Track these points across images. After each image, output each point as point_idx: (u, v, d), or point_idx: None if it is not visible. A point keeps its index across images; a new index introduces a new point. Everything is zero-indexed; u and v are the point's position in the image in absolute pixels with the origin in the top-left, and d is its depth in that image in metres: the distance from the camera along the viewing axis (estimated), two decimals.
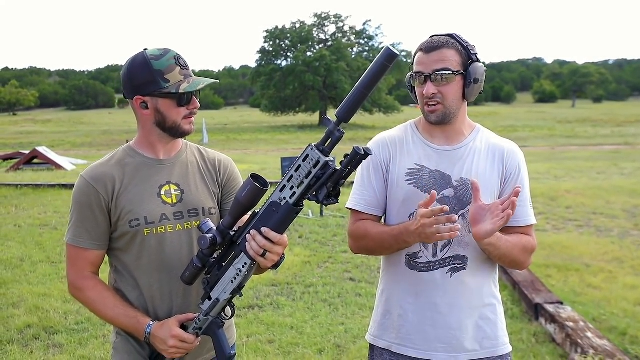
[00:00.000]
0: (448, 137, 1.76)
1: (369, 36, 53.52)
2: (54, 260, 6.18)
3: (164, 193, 1.66)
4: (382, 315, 1.84)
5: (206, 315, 1.56)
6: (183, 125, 1.64)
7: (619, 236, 7.30)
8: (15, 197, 10.34)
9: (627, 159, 17.30)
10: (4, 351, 3.90)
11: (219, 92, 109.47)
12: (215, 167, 1.78)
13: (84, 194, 1.63)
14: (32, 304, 4.74)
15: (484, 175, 1.72)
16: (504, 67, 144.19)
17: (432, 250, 1.72)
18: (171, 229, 1.65)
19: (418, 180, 1.74)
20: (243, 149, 26.26)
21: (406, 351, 1.76)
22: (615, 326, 4.26)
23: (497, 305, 1.80)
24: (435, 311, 1.72)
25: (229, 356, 1.54)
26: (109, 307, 1.63)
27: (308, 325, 4.34)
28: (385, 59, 1.25)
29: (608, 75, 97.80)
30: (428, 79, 1.66)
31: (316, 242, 6.95)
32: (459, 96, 1.70)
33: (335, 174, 1.29)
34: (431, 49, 1.67)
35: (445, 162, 1.74)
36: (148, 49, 1.62)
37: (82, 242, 1.64)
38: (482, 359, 1.74)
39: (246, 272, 1.47)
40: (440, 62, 1.65)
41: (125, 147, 1.73)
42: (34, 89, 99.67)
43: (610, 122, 42.32)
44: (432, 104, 1.68)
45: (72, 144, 32.28)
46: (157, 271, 1.65)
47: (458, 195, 1.71)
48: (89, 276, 1.66)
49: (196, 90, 1.60)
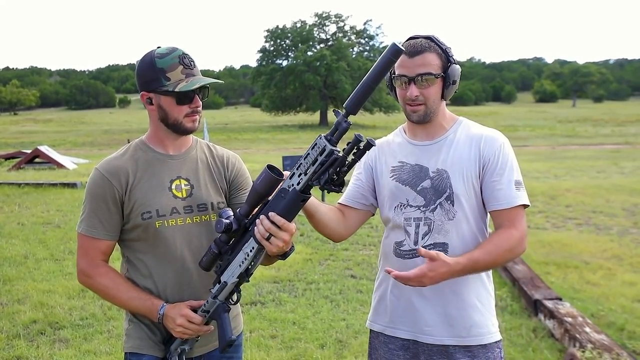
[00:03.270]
0: (429, 133, 1.85)
1: (369, 36, 53.54)
2: (57, 257, 6.23)
3: (174, 187, 1.72)
4: (377, 301, 1.96)
5: (214, 298, 1.61)
6: (185, 123, 1.68)
7: (618, 234, 7.35)
8: (17, 196, 10.40)
9: (627, 158, 17.36)
10: (11, 346, 3.95)
11: (219, 91, 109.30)
12: (223, 164, 1.84)
13: (98, 186, 1.68)
14: (37, 300, 4.80)
15: (460, 162, 1.78)
16: (504, 66, 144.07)
17: (414, 238, 1.80)
18: (181, 222, 1.71)
19: (400, 175, 1.85)
20: (244, 148, 26.34)
21: (398, 333, 1.86)
22: (613, 321, 4.31)
23: (485, 294, 1.84)
24: (420, 296, 1.80)
25: (229, 340, 1.57)
26: (122, 291, 1.69)
27: (310, 320, 4.40)
28: (392, 54, 1.34)
29: (609, 74, 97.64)
30: (412, 81, 1.73)
31: (318, 240, 7.00)
32: (439, 96, 1.78)
33: (337, 161, 1.35)
34: (414, 53, 1.73)
35: (425, 156, 1.83)
36: (159, 47, 1.67)
37: (96, 233, 1.69)
38: (469, 345, 1.78)
39: (253, 256, 1.52)
40: (423, 67, 1.72)
41: (137, 142, 1.78)
42: (34, 88, 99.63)
43: (611, 122, 42.39)
44: (414, 105, 1.77)
45: (73, 143, 32.36)
46: (167, 262, 1.71)
47: (434, 185, 1.79)
48: (100, 264, 1.72)
49: (193, 89, 1.62)
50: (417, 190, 1.80)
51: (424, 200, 1.79)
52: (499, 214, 1.76)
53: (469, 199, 1.77)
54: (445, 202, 1.76)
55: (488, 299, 1.84)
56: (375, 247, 6.66)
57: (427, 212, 1.78)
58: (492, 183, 1.75)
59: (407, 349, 1.85)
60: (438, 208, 1.77)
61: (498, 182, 1.74)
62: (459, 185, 1.76)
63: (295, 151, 21.35)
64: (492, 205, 1.76)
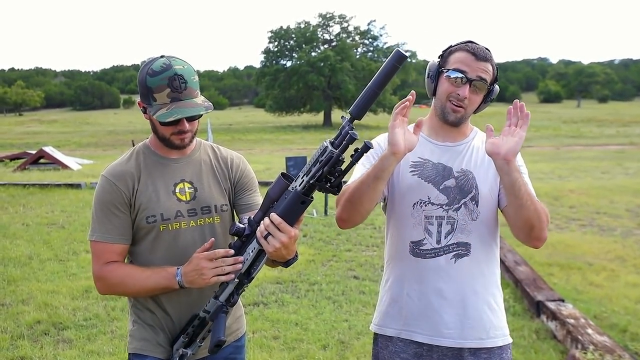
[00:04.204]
0: (452, 136, 1.85)
1: (373, 36, 53.49)
2: (61, 258, 6.25)
3: (178, 191, 1.74)
4: (387, 304, 1.88)
5: (215, 299, 1.62)
6: (173, 140, 1.69)
7: (622, 235, 7.34)
8: (22, 197, 10.45)
9: (632, 159, 17.30)
10: (15, 346, 3.98)
11: (223, 92, 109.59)
12: (227, 165, 1.85)
13: (107, 192, 1.69)
14: (41, 301, 4.83)
15: (482, 166, 1.80)
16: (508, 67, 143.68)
17: (437, 237, 1.78)
18: (185, 225, 1.73)
19: (422, 171, 1.82)
20: (248, 149, 26.35)
21: (414, 336, 1.80)
22: (616, 323, 4.30)
23: (499, 295, 1.85)
24: (441, 296, 1.77)
25: (218, 341, 1.57)
26: (136, 275, 1.67)
27: (312, 321, 4.41)
28: (396, 61, 1.37)
29: (613, 75, 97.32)
30: (468, 82, 1.73)
31: (320, 241, 7.01)
32: (476, 107, 1.80)
33: (332, 159, 1.37)
34: (483, 58, 1.73)
35: (447, 155, 1.83)
36: (161, 59, 1.63)
37: (110, 238, 1.69)
38: (486, 347, 1.78)
39: (254, 256, 1.54)
40: (485, 72, 1.74)
41: (141, 146, 1.80)
42: (39, 89, 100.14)
43: (616, 122, 42.22)
44: (458, 105, 1.76)
45: (77, 144, 32.43)
46: (170, 265, 1.71)
47: (459, 184, 1.79)
48: (110, 263, 1.71)
49: (167, 121, 1.58)
50: (440, 188, 1.79)
51: (447, 199, 1.78)
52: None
53: (491, 201, 1.79)
54: (470, 202, 1.77)
55: (501, 300, 1.86)
56: (379, 248, 6.66)
57: (451, 211, 1.77)
58: None
59: (420, 356, 1.80)
60: (462, 207, 1.77)
61: None
62: (484, 187, 1.77)
63: (299, 152, 21.34)
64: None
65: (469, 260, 1.78)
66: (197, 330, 1.70)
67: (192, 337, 1.71)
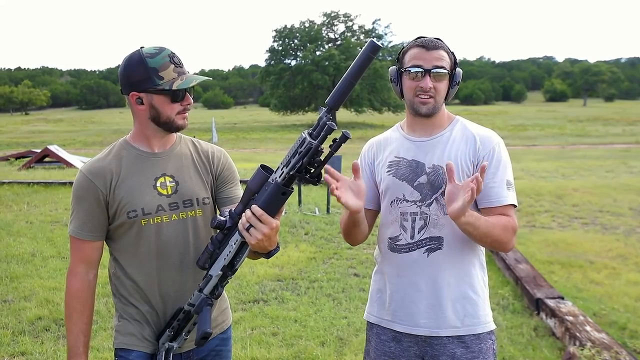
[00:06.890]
0: (428, 130, 1.89)
1: (378, 35, 53.28)
2: (64, 255, 6.29)
3: (159, 185, 1.75)
4: (374, 293, 2.00)
5: (200, 292, 1.64)
6: (177, 120, 1.72)
7: (625, 233, 7.31)
8: (27, 195, 10.51)
9: (637, 158, 17.22)
10: (16, 342, 4.01)
11: (228, 91, 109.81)
12: (208, 158, 1.86)
13: (82, 188, 1.72)
14: (43, 297, 4.87)
15: (455, 159, 1.82)
16: (514, 65, 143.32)
17: (410, 232, 1.85)
18: (167, 219, 1.74)
19: (397, 170, 1.89)
20: (252, 147, 26.40)
21: (394, 326, 1.90)
22: (615, 320, 4.30)
23: (479, 285, 1.87)
24: (416, 289, 1.85)
25: (204, 333, 1.57)
26: (78, 321, 1.74)
27: (311, 318, 4.42)
28: (370, 51, 1.38)
29: (620, 73, 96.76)
30: (427, 73, 1.78)
31: (322, 239, 7.03)
32: (445, 93, 1.84)
33: (311, 150, 1.39)
34: (432, 47, 1.79)
35: (421, 151, 1.87)
36: (144, 47, 1.69)
37: (81, 234, 1.73)
38: (463, 335, 1.83)
39: (237, 248, 1.55)
40: (439, 60, 1.79)
41: (121, 142, 1.81)
42: (46, 88, 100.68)
43: (622, 121, 42.00)
44: (425, 97, 1.80)
45: (83, 142, 32.59)
46: (153, 259, 1.74)
47: (430, 180, 1.83)
48: (82, 274, 1.75)
49: (189, 87, 1.67)
50: (414, 185, 1.84)
51: (420, 195, 1.83)
52: (489, 211, 1.80)
53: None
54: (441, 197, 1.81)
55: (482, 290, 1.88)
56: None
57: (423, 206, 1.83)
58: (485, 181, 1.77)
59: (399, 341, 1.89)
60: (434, 203, 1.82)
61: (491, 180, 1.79)
62: (457, 181, 1.78)
63: None
64: (483, 202, 1.81)
65: (442, 253, 1.83)
66: (183, 323, 1.71)
67: (177, 331, 1.73)
